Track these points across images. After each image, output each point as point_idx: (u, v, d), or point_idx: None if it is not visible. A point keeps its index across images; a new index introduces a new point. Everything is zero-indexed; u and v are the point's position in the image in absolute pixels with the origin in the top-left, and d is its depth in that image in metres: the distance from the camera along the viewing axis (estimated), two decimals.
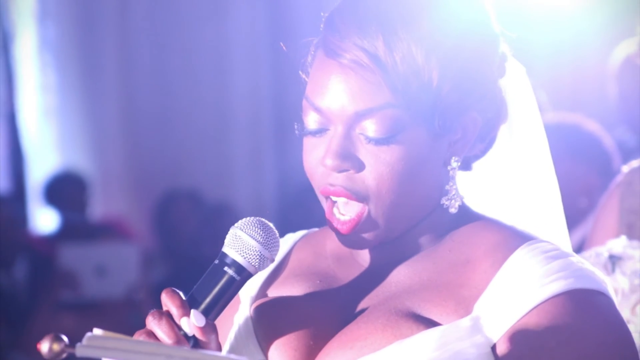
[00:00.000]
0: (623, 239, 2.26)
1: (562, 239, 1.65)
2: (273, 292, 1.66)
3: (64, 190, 5.71)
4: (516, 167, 1.65)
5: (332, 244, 1.66)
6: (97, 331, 1.35)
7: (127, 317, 4.62)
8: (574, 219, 2.95)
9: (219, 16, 6.67)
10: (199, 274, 1.56)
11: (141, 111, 6.58)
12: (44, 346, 1.34)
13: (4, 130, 6.31)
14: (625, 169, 2.40)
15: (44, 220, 6.04)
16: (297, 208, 5.64)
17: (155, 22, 6.58)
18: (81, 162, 6.31)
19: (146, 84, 6.58)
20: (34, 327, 4.54)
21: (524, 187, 1.65)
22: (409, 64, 1.49)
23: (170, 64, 6.59)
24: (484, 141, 1.59)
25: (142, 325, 1.46)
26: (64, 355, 1.34)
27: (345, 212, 1.54)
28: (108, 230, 5.42)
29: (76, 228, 5.34)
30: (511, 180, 1.65)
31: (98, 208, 6.17)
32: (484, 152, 1.61)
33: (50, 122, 6.36)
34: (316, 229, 1.74)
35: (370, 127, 1.50)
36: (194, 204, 5.84)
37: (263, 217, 1.56)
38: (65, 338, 1.33)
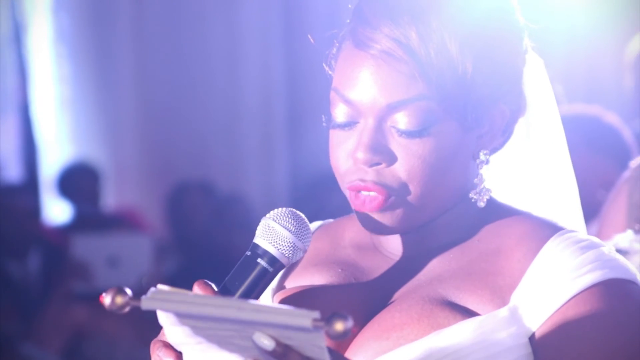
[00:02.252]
0: (629, 233, 2.26)
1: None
2: (292, 283, 1.64)
3: (77, 181, 5.72)
4: (533, 160, 1.64)
5: (350, 234, 1.65)
6: (161, 287, 1.31)
7: (139, 308, 4.62)
8: (592, 211, 2.93)
9: (233, 7, 6.66)
10: (211, 265, 1.54)
11: (154, 103, 6.59)
12: (108, 299, 1.31)
13: (17, 121, 6.32)
14: (633, 164, 2.39)
15: (57, 211, 6.05)
16: (309, 200, 5.63)
17: (169, 14, 6.58)
18: (94, 154, 6.32)
19: (160, 75, 6.58)
20: (46, 318, 4.55)
21: (541, 180, 1.64)
22: (443, 55, 1.47)
23: (184, 56, 6.59)
24: (505, 134, 1.59)
25: (154, 315, 1.44)
26: (128, 309, 1.32)
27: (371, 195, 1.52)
28: (120, 222, 5.41)
29: (89, 219, 5.34)
30: (528, 174, 1.64)
31: (111, 199, 6.18)
32: (502, 145, 1.60)
33: (64, 113, 6.37)
34: (331, 220, 1.72)
35: (402, 120, 1.49)
36: (206, 195, 5.83)
37: (275, 209, 1.54)
38: (129, 291, 1.31)
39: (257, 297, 1.51)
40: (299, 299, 1.59)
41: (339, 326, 1.23)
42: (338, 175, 1.54)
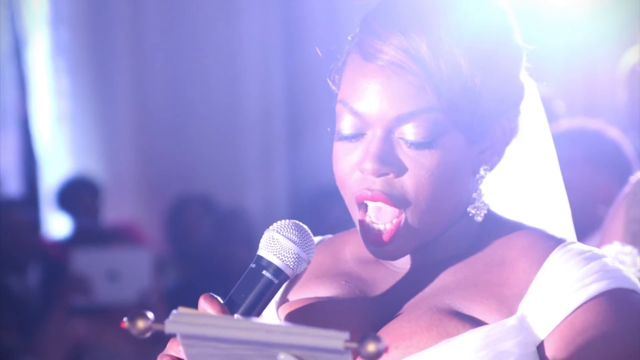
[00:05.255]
0: (616, 245, 2.30)
1: None
2: (296, 296, 1.65)
3: (77, 195, 5.72)
4: (525, 178, 1.66)
5: (352, 247, 1.66)
6: (182, 309, 1.30)
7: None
8: (593, 226, 2.94)
9: (232, 20, 6.67)
10: (211, 279, 1.54)
11: (153, 116, 6.59)
12: (130, 324, 1.30)
13: (17, 135, 6.33)
14: (633, 179, 2.43)
15: (57, 225, 6.05)
16: (310, 213, 5.63)
17: (168, 28, 6.60)
18: (94, 168, 6.32)
19: (159, 89, 6.59)
20: (46, 332, 4.55)
21: (533, 198, 1.66)
22: (453, 67, 1.49)
23: (183, 69, 6.60)
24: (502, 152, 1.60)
25: (155, 331, 1.43)
26: (150, 333, 1.31)
27: (379, 219, 1.53)
28: (120, 236, 5.42)
29: (88, 233, 5.35)
30: (520, 191, 1.66)
31: (110, 213, 6.18)
32: (495, 164, 1.61)
33: (63, 127, 6.38)
34: (330, 236, 1.73)
35: (410, 131, 1.50)
36: (206, 209, 5.84)
37: (277, 221, 1.55)
38: (151, 315, 1.30)
39: (263, 309, 1.52)
40: (306, 311, 1.59)
41: (372, 347, 1.23)
42: (343, 187, 1.55)
